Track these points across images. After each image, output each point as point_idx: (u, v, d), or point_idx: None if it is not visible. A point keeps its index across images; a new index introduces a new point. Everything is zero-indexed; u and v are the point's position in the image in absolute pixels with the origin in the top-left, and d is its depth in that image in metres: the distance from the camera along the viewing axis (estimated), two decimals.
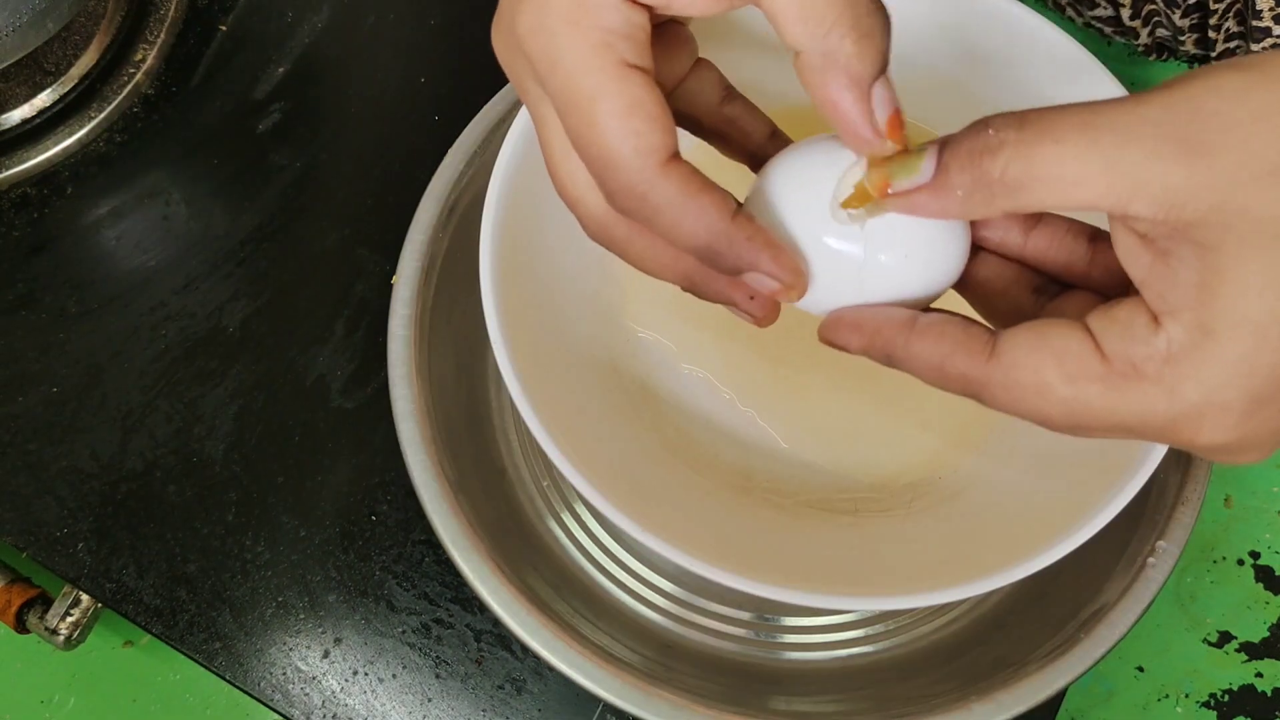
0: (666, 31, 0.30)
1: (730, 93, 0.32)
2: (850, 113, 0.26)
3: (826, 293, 0.29)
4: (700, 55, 0.32)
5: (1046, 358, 0.26)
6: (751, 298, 0.29)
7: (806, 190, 0.29)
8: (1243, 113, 0.23)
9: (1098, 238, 0.29)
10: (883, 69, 0.26)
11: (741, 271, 0.28)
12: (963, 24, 0.43)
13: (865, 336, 0.29)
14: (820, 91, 0.26)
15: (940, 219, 0.28)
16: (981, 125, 0.25)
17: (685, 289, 0.30)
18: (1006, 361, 0.26)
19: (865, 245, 0.28)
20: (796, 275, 0.28)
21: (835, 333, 0.29)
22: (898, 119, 0.27)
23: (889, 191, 0.27)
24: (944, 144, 0.26)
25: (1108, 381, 0.25)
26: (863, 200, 0.28)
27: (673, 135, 0.27)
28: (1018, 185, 0.24)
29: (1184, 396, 0.24)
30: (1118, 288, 0.28)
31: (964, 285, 0.30)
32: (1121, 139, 0.23)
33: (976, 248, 0.30)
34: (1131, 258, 0.25)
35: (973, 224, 0.30)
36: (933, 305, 0.30)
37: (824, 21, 0.25)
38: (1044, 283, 0.30)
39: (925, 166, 0.26)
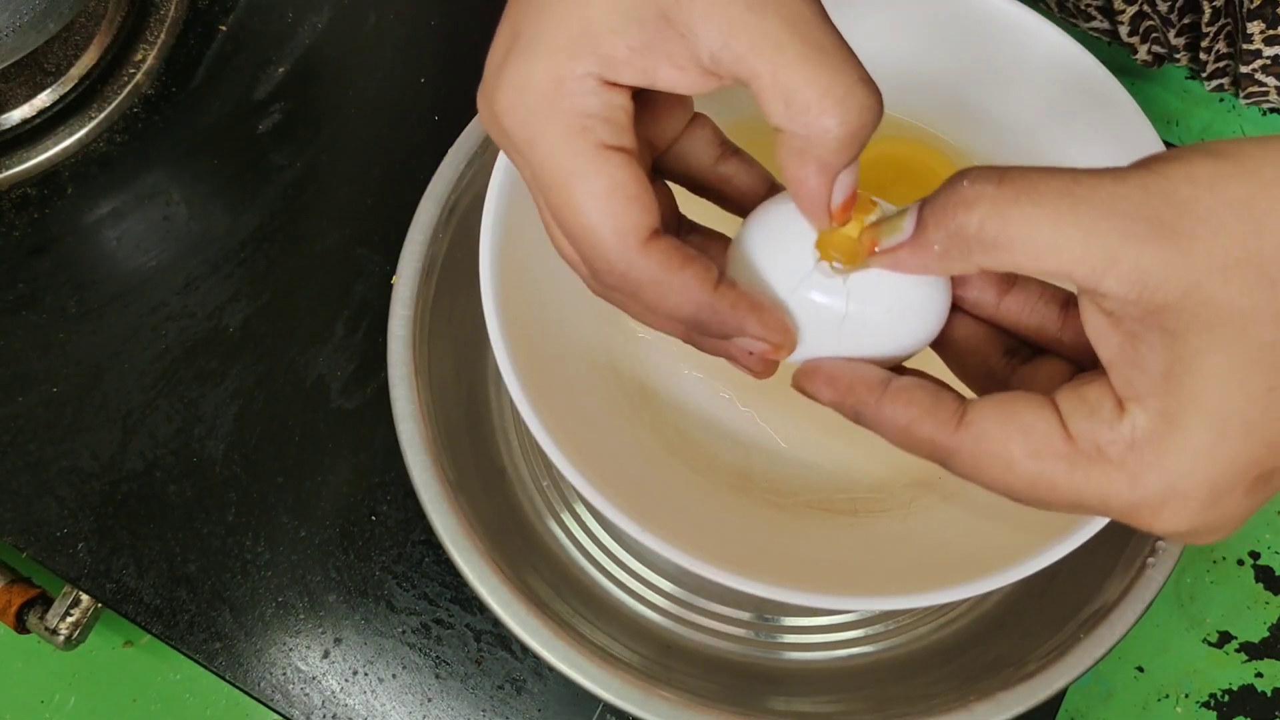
0: (659, 94, 0.30)
1: (726, 149, 0.32)
2: (812, 193, 0.27)
3: (807, 345, 0.30)
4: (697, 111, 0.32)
5: (1013, 432, 0.26)
6: (751, 353, 0.30)
7: (788, 245, 0.29)
8: (1215, 202, 0.23)
9: (1070, 304, 0.29)
10: (854, 159, 0.27)
11: (730, 338, 0.28)
12: (965, 25, 0.43)
13: (838, 392, 0.29)
14: (790, 170, 0.27)
15: (920, 274, 0.28)
16: (958, 178, 0.25)
17: (687, 343, 0.31)
18: (975, 432, 0.26)
19: (847, 300, 0.29)
20: (784, 334, 0.29)
21: (809, 382, 0.30)
22: (851, 202, 0.28)
23: (875, 250, 0.27)
24: (924, 201, 0.26)
25: (1072, 461, 0.25)
26: (847, 256, 0.28)
27: (653, 214, 0.27)
28: (993, 243, 0.24)
29: (1146, 484, 0.25)
30: (1087, 356, 0.29)
31: (938, 343, 0.31)
32: (1099, 212, 0.23)
33: (953, 307, 0.30)
34: (1100, 337, 0.25)
35: (950, 282, 0.30)
36: (906, 364, 0.30)
37: (808, 110, 0.26)
38: (1016, 345, 0.30)
39: (906, 225, 0.26)
